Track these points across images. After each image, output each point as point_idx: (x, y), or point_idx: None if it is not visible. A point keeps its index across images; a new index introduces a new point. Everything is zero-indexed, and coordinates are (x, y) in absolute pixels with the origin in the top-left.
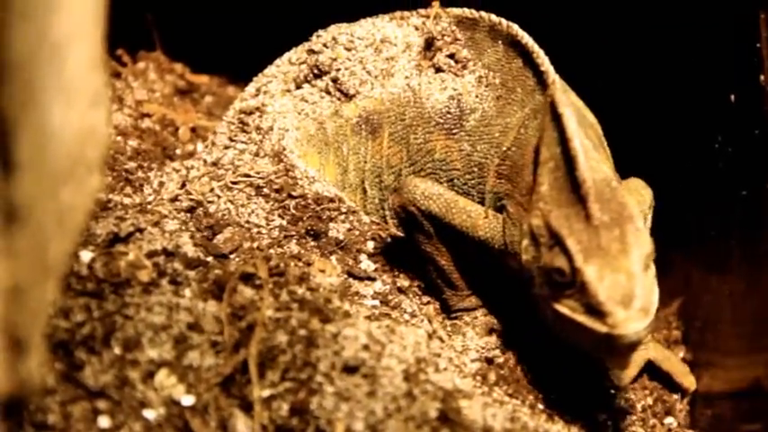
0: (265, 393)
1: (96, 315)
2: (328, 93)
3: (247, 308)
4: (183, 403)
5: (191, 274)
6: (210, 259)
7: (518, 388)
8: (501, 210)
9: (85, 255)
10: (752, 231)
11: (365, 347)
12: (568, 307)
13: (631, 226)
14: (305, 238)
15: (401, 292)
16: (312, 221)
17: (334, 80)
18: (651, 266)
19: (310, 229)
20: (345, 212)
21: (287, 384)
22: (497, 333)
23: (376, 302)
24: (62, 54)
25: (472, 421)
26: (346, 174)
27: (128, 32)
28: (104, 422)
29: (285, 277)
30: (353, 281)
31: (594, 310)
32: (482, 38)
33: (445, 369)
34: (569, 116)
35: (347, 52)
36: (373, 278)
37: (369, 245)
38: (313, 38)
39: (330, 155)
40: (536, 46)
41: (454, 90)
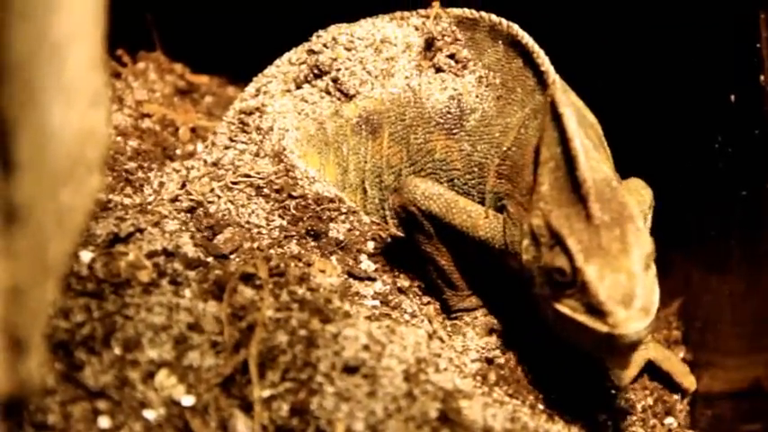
0: (265, 394)
1: (96, 315)
2: (328, 93)
3: (247, 308)
4: (184, 403)
5: (191, 275)
6: (211, 259)
7: (518, 388)
8: (501, 210)
9: (85, 255)
10: (752, 231)
11: (365, 348)
12: (569, 307)
13: (632, 225)
14: (305, 239)
15: (401, 293)
16: (312, 222)
17: (334, 80)
18: (652, 266)
19: (310, 230)
20: (346, 213)
21: (287, 385)
22: (497, 333)
23: (376, 303)
24: (62, 54)
25: (472, 421)
26: (346, 174)
27: (128, 32)
28: (104, 422)
29: (285, 277)
30: (354, 281)
31: (595, 310)
32: (482, 38)
33: (445, 369)
34: (570, 116)
35: (347, 52)
36: (373, 278)
37: (369, 245)
38: (313, 38)
39: (330, 155)
40: (536, 46)
41: (454, 90)
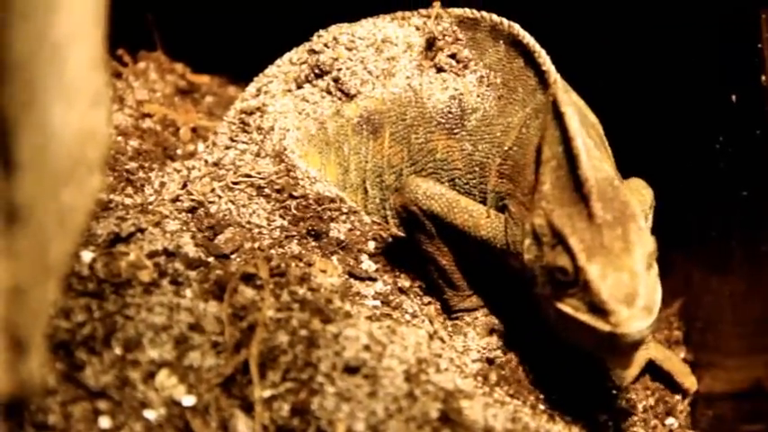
0: (266, 394)
1: (97, 315)
2: (329, 93)
3: (248, 308)
4: (184, 404)
5: (192, 275)
6: (211, 259)
7: (519, 388)
8: (503, 209)
9: (86, 255)
10: (753, 232)
11: (366, 348)
12: (571, 306)
13: (634, 225)
14: (306, 239)
15: (402, 293)
16: (313, 222)
17: (335, 80)
18: (654, 265)
19: (311, 230)
20: (346, 212)
21: (288, 385)
22: (498, 333)
23: (377, 303)
24: (62, 54)
25: (473, 422)
26: (347, 174)
27: (128, 32)
28: (105, 422)
29: (286, 277)
30: (354, 281)
31: (597, 309)
32: (483, 38)
33: (446, 369)
34: (571, 115)
35: (348, 52)
36: (374, 278)
37: (370, 245)
38: (314, 38)
39: (331, 155)
40: (537, 45)
41: (455, 90)
